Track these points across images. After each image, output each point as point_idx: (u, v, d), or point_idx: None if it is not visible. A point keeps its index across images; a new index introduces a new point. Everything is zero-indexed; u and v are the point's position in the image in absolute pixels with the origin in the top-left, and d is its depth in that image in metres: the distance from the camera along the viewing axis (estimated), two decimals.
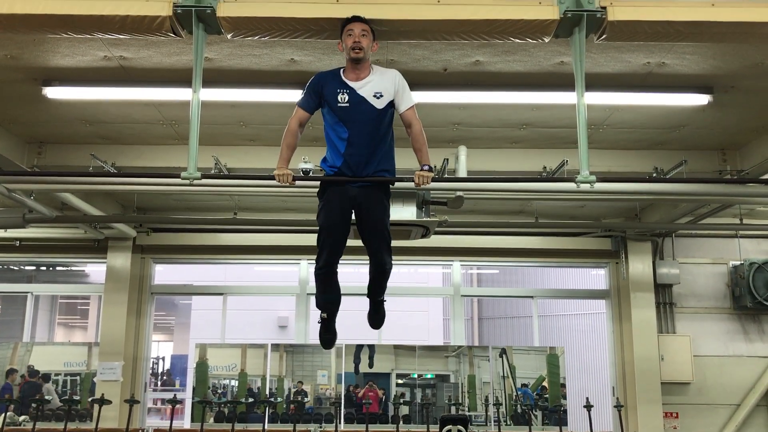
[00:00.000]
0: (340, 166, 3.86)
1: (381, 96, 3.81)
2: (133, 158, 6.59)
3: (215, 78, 5.10)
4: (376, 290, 4.15)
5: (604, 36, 3.90)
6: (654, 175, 6.39)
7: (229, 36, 3.92)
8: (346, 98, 3.80)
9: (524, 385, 8.32)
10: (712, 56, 4.76)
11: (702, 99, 5.35)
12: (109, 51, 4.78)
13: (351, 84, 3.81)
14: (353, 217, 3.99)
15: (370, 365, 8.39)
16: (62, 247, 8.82)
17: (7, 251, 8.72)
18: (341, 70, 3.88)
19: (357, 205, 3.90)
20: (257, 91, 5.35)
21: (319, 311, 4.14)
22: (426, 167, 3.91)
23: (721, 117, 5.85)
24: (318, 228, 3.97)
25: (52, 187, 6.16)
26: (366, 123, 3.81)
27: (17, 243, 8.67)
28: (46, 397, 7.99)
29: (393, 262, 4.05)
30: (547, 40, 3.95)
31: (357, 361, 8.40)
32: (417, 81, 5.21)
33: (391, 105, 3.87)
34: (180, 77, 4.99)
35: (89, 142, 6.53)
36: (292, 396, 8.24)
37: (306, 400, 8.21)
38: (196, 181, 4.07)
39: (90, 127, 6.24)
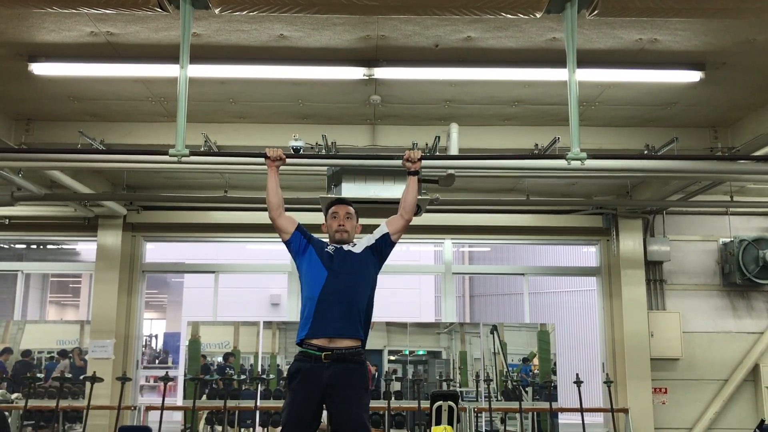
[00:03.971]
0: (314, 314, 3.69)
1: (355, 245, 3.94)
2: (122, 135, 6.54)
3: (203, 54, 5.04)
4: None
5: (596, 11, 3.87)
6: (645, 152, 6.39)
7: (216, 11, 3.88)
8: (333, 248, 3.89)
9: (525, 360, 8.38)
10: (704, 33, 4.74)
11: (694, 76, 5.34)
12: (96, 26, 4.71)
13: (336, 245, 3.93)
14: (324, 412, 3.69)
15: None
16: (52, 225, 8.78)
17: None
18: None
19: (329, 395, 3.59)
20: (246, 67, 5.30)
21: None
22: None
23: (712, 94, 5.84)
24: (281, 426, 3.64)
25: (40, 164, 6.11)
26: (345, 265, 3.80)
27: (7, 221, 8.62)
28: (38, 375, 8.01)
29: None
30: (538, 16, 3.92)
31: None
32: (408, 57, 5.19)
33: (372, 252, 3.90)
34: (168, 53, 4.94)
35: (77, 119, 6.47)
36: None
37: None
38: (184, 159, 4.05)
39: (78, 104, 6.17)
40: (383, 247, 3.92)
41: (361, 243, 3.96)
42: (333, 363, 3.61)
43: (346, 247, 3.90)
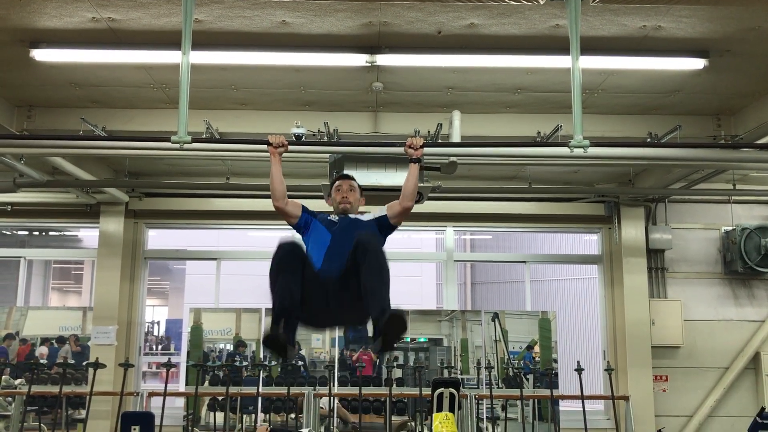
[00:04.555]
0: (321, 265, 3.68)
1: (361, 215, 3.99)
2: (124, 122, 6.54)
3: (205, 40, 5.03)
4: (374, 298, 3.48)
5: None
6: (648, 140, 6.37)
7: None
8: (336, 218, 3.93)
9: (529, 348, 8.39)
10: (709, 19, 4.71)
11: (697, 63, 5.32)
12: (97, 12, 4.70)
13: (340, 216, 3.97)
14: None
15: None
16: (54, 212, 8.78)
17: (0, 216, 8.69)
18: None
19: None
20: (248, 53, 5.28)
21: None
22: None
23: (716, 82, 5.82)
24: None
25: (42, 151, 6.10)
26: (349, 227, 3.80)
27: (9, 208, 8.62)
28: (41, 361, 8.04)
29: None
30: (542, 2, 3.91)
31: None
32: (410, 44, 5.17)
33: (376, 224, 3.92)
34: (170, 40, 4.92)
35: (79, 105, 6.46)
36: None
37: (300, 364, 8.28)
38: (186, 146, 4.05)
39: (80, 91, 6.16)
40: (382, 225, 3.95)
41: (365, 216, 4.03)
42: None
43: (351, 216, 3.96)
